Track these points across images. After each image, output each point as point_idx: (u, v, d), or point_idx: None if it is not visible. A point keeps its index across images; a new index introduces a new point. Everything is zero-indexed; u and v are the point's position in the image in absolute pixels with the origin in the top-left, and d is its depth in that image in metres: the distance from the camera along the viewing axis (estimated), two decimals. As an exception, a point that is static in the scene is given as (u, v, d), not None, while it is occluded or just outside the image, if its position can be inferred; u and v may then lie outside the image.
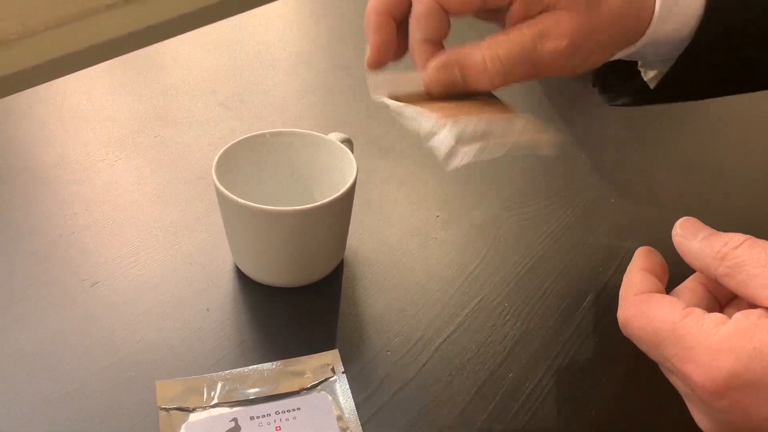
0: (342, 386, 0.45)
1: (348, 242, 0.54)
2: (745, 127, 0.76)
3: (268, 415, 0.43)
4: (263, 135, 0.53)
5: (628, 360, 0.47)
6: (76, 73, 0.75)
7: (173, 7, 2.09)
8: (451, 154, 0.38)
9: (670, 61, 0.42)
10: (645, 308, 0.35)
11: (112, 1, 1.97)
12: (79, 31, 1.93)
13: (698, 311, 0.33)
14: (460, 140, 0.38)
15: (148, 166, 0.63)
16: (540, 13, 0.38)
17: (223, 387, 0.44)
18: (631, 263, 0.39)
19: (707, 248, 0.35)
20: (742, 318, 0.32)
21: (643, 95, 0.46)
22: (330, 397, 0.44)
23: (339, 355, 0.47)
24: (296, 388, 0.44)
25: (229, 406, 0.43)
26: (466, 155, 0.38)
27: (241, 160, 0.52)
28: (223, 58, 0.80)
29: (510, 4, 0.38)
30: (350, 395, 0.44)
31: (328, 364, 0.46)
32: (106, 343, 0.47)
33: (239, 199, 0.46)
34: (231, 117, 0.70)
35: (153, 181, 0.61)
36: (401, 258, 0.55)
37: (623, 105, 0.48)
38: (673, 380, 0.35)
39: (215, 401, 0.43)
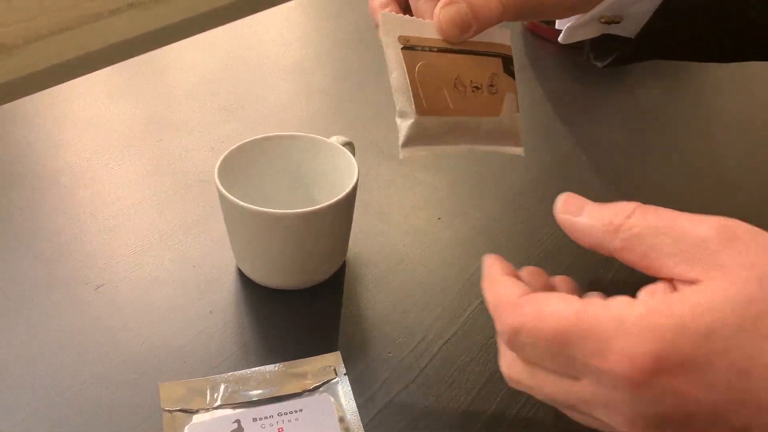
0: (344, 388, 0.45)
1: (350, 245, 0.54)
2: (748, 130, 0.76)
3: (271, 416, 0.43)
4: (265, 138, 0.53)
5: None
6: (79, 78, 0.76)
7: (176, 12, 2.10)
8: (407, 143, 0.37)
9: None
10: (537, 308, 0.30)
11: (116, 6, 1.98)
12: (83, 36, 1.94)
13: (596, 298, 0.30)
14: (423, 135, 0.38)
15: (151, 170, 0.63)
16: None
17: (226, 389, 0.44)
18: (485, 274, 0.35)
19: (597, 222, 0.32)
20: (648, 297, 0.29)
21: (625, 53, 0.46)
22: (332, 399, 0.44)
23: (341, 357, 0.47)
24: (298, 390, 0.45)
25: (232, 408, 0.43)
26: (420, 150, 0.38)
27: (243, 163, 0.52)
28: (226, 62, 0.81)
29: None
30: (352, 397, 0.44)
31: (330, 366, 0.46)
32: (110, 345, 0.47)
33: (242, 203, 0.47)
34: (233, 121, 0.71)
35: (156, 185, 0.61)
36: (403, 260, 0.55)
37: (612, 65, 0.47)
38: (576, 399, 0.30)
39: (218, 403, 0.44)
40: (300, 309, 0.51)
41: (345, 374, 0.46)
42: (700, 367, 0.27)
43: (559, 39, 0.47)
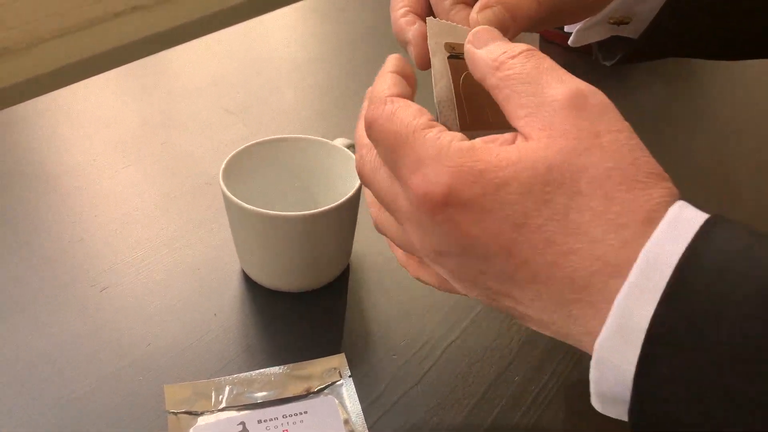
0: (348, 390, 0.45)
1: (354, 247, 0.54)
2: (752, 130, 0.76)
3: (276, 418, 0.43)
4: (270, 141, 0.53)
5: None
6: (83, 81, 0.76)
7: (179, 15, 2.11)
8: None
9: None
10: (393, 109, 0.32)
11: (120, 9, 1.99)
12: (86, 39, 1.94)
13: (441, 128, 0.32)
14: None
15: (155, 172, 0.63)
16: None
17: (230, 391, 0.44)
18: (382, 68, 0.36)
19: (487, 56, 0.32)
20: (480, 142, 0.30)
21: (632, 52, 0.46)
22: (337, 401, 0.44)
23: (345, 359, 0.47)
24: (303, 392, 0.45)
25: (236, 410, 0.43)
26: None
27: (248, 166, 0.52)
28: (229, 65, 0.81)
29: None
30: (357, 399, 0.44)
31: (334, 368, 0.46)
32: (115, 348, 0.47)
33: (246, 205, 0.47)
34: (237, 123, 0.71)
35: (160, 187, 0.62)
36: (407, 262, 0.55)
37: (619, 63, 0.47)
38: (396, 207, 0.33)
39: (223, 405, 0.44)
40: (304, 311, 0.51)
41: (350, 376, 0.46)
42: (481, 210, 0.29)
43: (570, 42, 0.47)
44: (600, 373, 0.28)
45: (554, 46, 0.88)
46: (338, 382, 0.45)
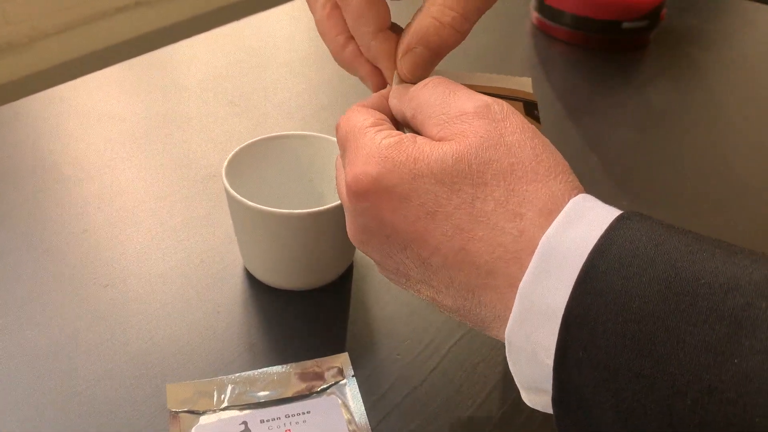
0: (352, 389, 0.45)
1: (358, 245, 0.54)
2: (759, 129, 0.75)
3: (278, 418, 0.43)
4: (273, 137, 0.53)
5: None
6: (86, 76, 0.76)
7: (182, 10, 2.10)
8: None
9: None
10: (349, 114, 0.36)
11: (122, 4, 1.98)
12: (89, 34, 1.94)
13: (387, 126, 0.35)
14: None
15: (159, 167, 0.63)
16: None
17: (233, 390, 0.44)
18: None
19: (402, 91, 0.36)
20: (407, 137, 0.33)
21: None
22: (340, 401, 0.44)
23: (349, 359, 0.46)
24: (306, 392, 0.44)
25: (239, 410, 0.43)
26: None
27: (250, 162, 0.52)
28: (233, 60, 0.80)
29: None
30: (360, 398, 0.44)
31: (338, 368, 0.46)
32: (117, 344, 0.47)
33: (249, 202, 0.46)
34: (240, 118, 0.70)
35: (163, 182, 0.61)
36: (411, 261, 0.55)
37: None
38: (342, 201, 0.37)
39: (225, 404, 0.43)
40: (307, 310, 0.50)
41: (353, 376, 0.45)
42: (399, 198, 0.32)
43: None
44: (514, 360, 0.31)
45: (553, 40, 0.88)
46: (341, 382, 0.45)
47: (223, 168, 0.49)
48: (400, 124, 0.38)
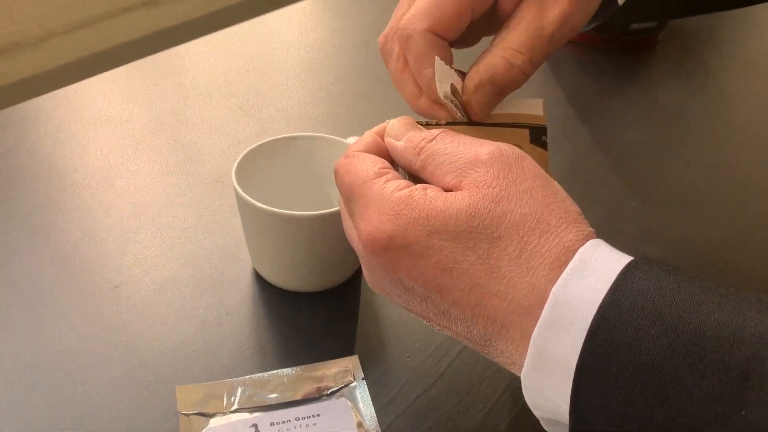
0: (362, 392, 0.44)
1: (367, 247, 0.54)
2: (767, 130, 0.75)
3: (288, 421, 0.43)
4: (283, 139, 0.53)
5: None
6: (94, 77, 0.75)
7: (189, 11, 2.10)
8: None
9: None
10: (352, 162, 0.36)
11: (129, 4, 1.98)
12: (95, 34, 1.94)
13: (391, 174, 0.35)
14: None
15: (166, 169, 0.63)
16: None
17: (243, 392, 0.44)
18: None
19: (409, 144, 0.36)
20: (419, 188, 0.34)
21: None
22: (350, 404, 0.44)
23: (359, 361, 0.46)
24: (316, 394, 0.44)
25: (249, 412, 0.43)
26: None
27: (260, 164, 0.52)
28: (241, 61, 0.80)
29: (494, 4, 0.39)
30: (370, 401, 0.44)
31: (347, 370, 0.46)
32: (127, 347, 0.47)
33: (259, 204, 0.46)
34: (249, 120, 0.70)
35: (171, 184, 0.61)
36: (420, 262, 0.55)
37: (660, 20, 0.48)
38: (356, 246, 0.37)
39: (235, 407, 0.43)
40: (317, 312, 0.50)
41: (363, 378, 0.45)
42: (416, 256, 0.33)
43: None
44: (531, 399, 0.32)
45: (575, 45, 0.87)
46: (352, 384, 0.45)
47: (233, 170, 0.49)
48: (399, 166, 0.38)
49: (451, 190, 0.34)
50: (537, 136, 0.39)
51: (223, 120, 0.70)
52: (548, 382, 0.30)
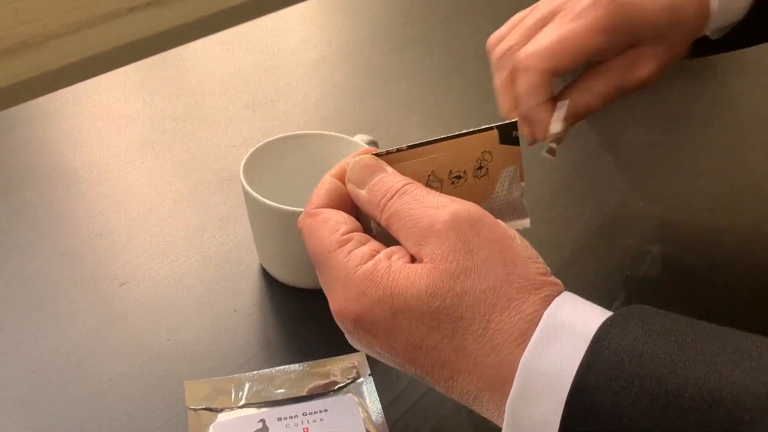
0: (369, 388, 0.45)
1: (374, 244, 0.54)
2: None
3: (296, 416, 0.43)
4: (290, 137, 0.53)
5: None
6: (101, 76, 0.76)
7: (194, 10, 2.11)
8: None
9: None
10: (312, 224, 0.37)
11: (135, 4, 1.99)
12: (101, 34, 1.95)
13: (354, 242, 0.35)
14: None
15: (175, 167, 0.63)
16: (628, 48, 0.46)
17: (250, 388, 0.44)
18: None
19: (372, 198, 0.36)
20: (382, 259, 0.34)
21: (703, 48, 0.52)
22: (357, 399, 0.44)
23: (365, 357, 0.46)
24: (323, 390, 0.44)
25: (256, 407, 0.43)
26: None
27: (267, 162, 0.52)
28: (248, 59, 0.81)
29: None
30: (377, 397, 0.44)
31: (354, 366, 0.46)
32: (135, 343, 0.47)
33: (267, 201, 0.47)
34: (256, 118, 0.70)
35: (179, 182, 0.61)
36: (427, 260, 0.55)
37: (687, 57, 0.52)
38: None
39: (243, 402, 0.43)
40: (324, 308, 0.50)
41: (370, 374, 0.45)
42: (385, 331, 0.33)
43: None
44: None
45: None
46: (358, 381, 0.45)
47: (241, 166, 0.49)
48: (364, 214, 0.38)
49: (414, 256, 0.34)
50: (507, 133, 0.39)
51: (230, 117, 0.70)
52: None
